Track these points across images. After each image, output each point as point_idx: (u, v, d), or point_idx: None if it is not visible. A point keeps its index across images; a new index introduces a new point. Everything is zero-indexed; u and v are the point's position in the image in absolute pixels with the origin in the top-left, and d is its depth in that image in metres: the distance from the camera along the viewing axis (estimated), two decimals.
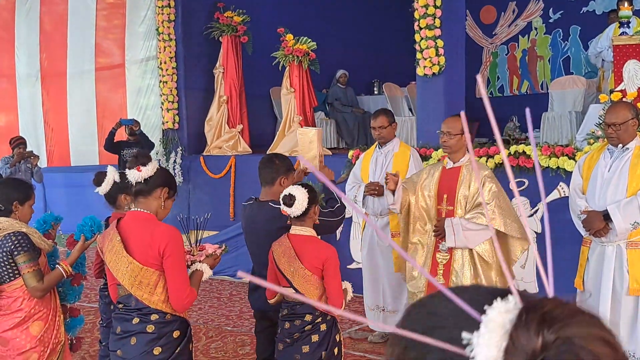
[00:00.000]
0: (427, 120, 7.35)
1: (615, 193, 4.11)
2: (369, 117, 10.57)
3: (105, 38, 10.61)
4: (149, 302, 3.04)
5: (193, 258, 3.34)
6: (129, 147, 8.89)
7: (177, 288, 3.03)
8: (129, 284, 3.03)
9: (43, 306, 3.68)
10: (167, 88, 9.55)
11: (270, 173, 3.93)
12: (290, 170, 3.99)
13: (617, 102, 5.00)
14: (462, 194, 4.44)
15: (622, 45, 6.18)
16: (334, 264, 3.57)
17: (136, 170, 3.06)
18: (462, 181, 4.45)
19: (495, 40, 12.10)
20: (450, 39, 7.25)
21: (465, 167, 4.47)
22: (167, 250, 2.99)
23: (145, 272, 3.02)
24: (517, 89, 11.96)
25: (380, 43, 11.99)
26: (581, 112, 8.42)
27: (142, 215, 3.10)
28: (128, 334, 3.09)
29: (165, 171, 3.25)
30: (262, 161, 4.03)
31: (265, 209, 3.82)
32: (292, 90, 8.61)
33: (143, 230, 3.05)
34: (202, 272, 3.29)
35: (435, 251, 4.56)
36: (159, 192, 3.13)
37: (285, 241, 3.63)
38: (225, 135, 9.39)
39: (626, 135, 4.12)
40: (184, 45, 9.49)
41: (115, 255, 3.04)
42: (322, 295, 3.58)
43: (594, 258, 4.24)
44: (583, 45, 11.07)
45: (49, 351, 3.69)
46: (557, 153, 6.06)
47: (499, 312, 0.68)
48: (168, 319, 3.09)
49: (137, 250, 3.03)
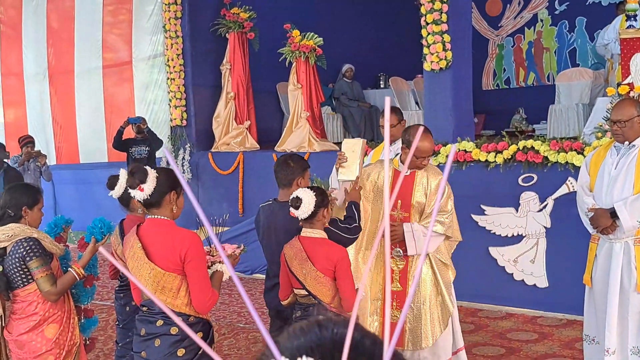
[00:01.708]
0: (434, 115, 7.36)
1: (622, 190, 4.13)
2: (375, 111, 10.63)
3: (112, 34, 10.63)
4: (172, 306, 3.11)
5: (213, 259, 3.38)
6: (137, 145, 8.92)
7: (199, 291, 3.09)
8: (152, 289, 3.09)
9: (57, 309, 3.72)
10: (175, 85, 9.57)
11: (286, 175, 4.01)
12: (306, 169, 4.06)
13: (623, 99, 5.00)
14: (417, 200, 4.28)
15: (629, 38, 6.17)
16: (346, 264, 3.61)
17: (138, 190, 3.10)
18: (416, 187, 4.29)
19: (501, 32, 12.07)
20: (457, 34, 7.25)
21: (420, 173, 4.31)
22: (189, 255, 3.05)
23: (168, 278, 3.08)
24: (524, 80, 11.94)
25: (386, 36, 11.98)
26: (588, 105, 8.42)
27: (160, 222, 3.16)
28: (152, 336, 3.16)
29: (166, 175, 3.21)
30: (277, 163, 4.11)
31: (285, 210, 3.86)
32: (299, 86, 8.63)
33: (163, 236, 3.11)
34: (222, 273, 3.36)
35: (385, 257, 4.17)
36: (167, 198, 3.18)
37: (297, 243, 3.67)
38: (233, 132, 9.42)
39: (631, 133, 4.14)
40: (191, 42, 9.50)
41: (137, 261, 3.10)
42: (334, 296, 3.61)
43: (602, 255, 4.27)
44: (589, 36, 11.04)
45: (64, 353, 3.74)
46: (565, 148, 6.07)
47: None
48: (191, 321, 3.16)
49: (158, 257, 3.09)
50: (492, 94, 11.89)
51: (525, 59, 11.91)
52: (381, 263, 4.36)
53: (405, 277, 4.31)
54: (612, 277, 4.18)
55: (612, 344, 4.19)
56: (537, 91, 11.38)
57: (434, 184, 4.27)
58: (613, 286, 4.18)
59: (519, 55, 11.98)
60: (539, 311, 6.17)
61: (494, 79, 12.21)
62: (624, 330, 4.17)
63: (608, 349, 4.20)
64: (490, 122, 11.05)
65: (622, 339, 4.19)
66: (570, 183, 6.04)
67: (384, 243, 4.05)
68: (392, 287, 4.29)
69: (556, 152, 6.09)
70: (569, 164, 6.03)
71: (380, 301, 4.35)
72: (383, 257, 4.29)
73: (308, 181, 4.07)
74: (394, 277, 4.32)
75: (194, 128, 9.60)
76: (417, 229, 4.22)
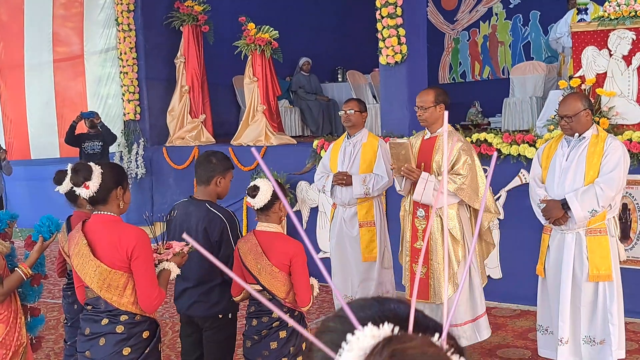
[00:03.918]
0: (390, 109, 7.38)
1: (573, 182, 4.20)
2: (333, 104, 10.62)
3: (63, 27, 10.40)
4: (118, 305, 3.05)
5: (160, 257, 3.32)
6: (90, 140, 8.79)
7: (145, 289, 3.04)
8: (97, 287, 3.03)
9: (4, 309, 3.61)
10: (128, 79, 9.44)
11: (207, 172, 3.85)
12: (228, 170, 3.90)
13: (569, 94, 5.08)
14: (436, 162, 4.67)
15: (580, 32, 6.25)
16: (302, 259, 3.59)
17: (84, 188, 3.04)
18: (436, 150, 4.69)
19: (456, 26, 12.16)
20: (412, 27, 7.27)
21: (441, 137, 4.72)
22: (135, 252, 3.00)
23: (114, 275, 3.02)
24: (479, 74, 12.06)
25: (343, 30, 11.98)
26: (542, 98, 8.53)
27: (107, 217, 3.09)
28: (97, 335, 3.10)
29: (111, 170, 3.16)
30: (198, 159, 3.95)
31: (202, 208, 3.76)
32: (255, 79, 8.57)
33: (110, 233, 3.05)
34: (169, 272, 3.30)
35: (413, 217, 4.81)
36: (114, 194, 3.12)
37: (252, 238, 3.63)
38: (188, 126, 9.32)
39: (579, 126, 4.21)
40: (144, 36, 9.37)
41: (83, 258, 3.03)
42: (289, 292, 3.59)
43: (554, 245, 4.33)
44: (543, 30, 11.20)
45: (11, 354, 3.63)
46: (517, 140, 6.14)
47: (365, 335, 0.76)
48: (137, 319, 3.10)
49: (104, 254, 3.03)
50: (448, 88, 11.94)
51: (481, 53, 12.03)
52: (407, 223, 4.88)
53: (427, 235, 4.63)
54: (565, 267, 4.25)
55: (565, 334, 4.26)
56: (492, 85, 11.50)
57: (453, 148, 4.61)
58: (565, 276, 4.25)
59: (474, 49, 12.09)
60: (493, 302, 6.23)
61: (450, 73, 12.31)
62: (577, 319, 4.24)
63: (561, 338, 4.27)
64: (449, 116, 11.11)
65: (574, 329, 4.26)
66: (522, 175, 6.12)
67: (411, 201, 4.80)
68: (417, 244, 4.81)
69: (509, 145, 6.16)
70: (521, 157, 6.10)
71: (409, 257, 4.83)
72: (412, 216, 4.82)
73: (228, 183, 3.92)
74: (417, 236, 4.80)
75: (148, 122, 9.49)
76: (432, 181, 4.60)
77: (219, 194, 3.91)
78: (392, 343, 0.74)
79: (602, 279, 4.19)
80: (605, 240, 4.19)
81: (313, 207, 7.61)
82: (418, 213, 4.79)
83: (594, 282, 4.21)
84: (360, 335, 0.76)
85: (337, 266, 5.71)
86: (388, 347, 0.74)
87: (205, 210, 3.78)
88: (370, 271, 5.55)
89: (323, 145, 7.32)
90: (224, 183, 3.85)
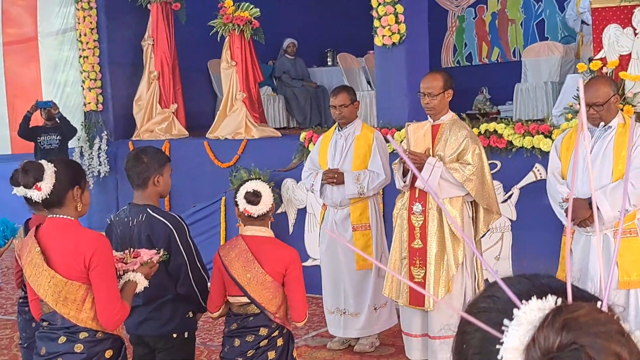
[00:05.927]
0: (387, 96, 7.36)
1: (600, 177, 4.15)
2: (322, 91, 10.59)
3: (15, 5, 10.31)
4: (76, 320, 3.01)
5: (126, 267, 3.26)
6: (47, 133, 8.71)
7: (106, 303, 3.00)
8: (52, 301, 2.99)
9: None
10: (89, 64, 9.40)
11: (140, 173, 3.74)
12: (164, 164, 3.79)
13: (594, 78, 5.04)
14: (438, 151, 4.71)
15: (600, 8, 6.24)
16: (298, 268, 3.59)
17: (35, 190, 2.99)
18: (439, 139, 4.72)
19: (461, 3, 12.16)
20: (411, 4, 7.25)
21: (444, 125, 4.74)
22: (94, 261, 2.95)
23: (70, 287, 2.98)
24: (487, 57, 12.06)
25: (333, 8, 11.94)
26: (558, 83, 8.53)
27: (62, 222, 3.05)
28: (53, 355, 3.06)
29: (66, 168, 3.12)
30: (127, 161, 3.82)
31: (144, 216, 3.68)
32: (233, 63, 8.53)
33: (65, 239, 3.01)
34: (135, 284, 3.24)
35: (409, 213, 4.80)
36: (70, 195, 3.08)
37: (240, 243, 3.58)
38: (158, 117, 9.28)
39: (609, 115, 4.18)
40: (107, 15, 9.34)
41: (35, 268, 2.99)
42: (281, 305, 3.55)
43: (579, 250, 4.29)
44: (559, 6, 11.19)
45: None
46: (531, 131, 6.12)
47: (531, 308, 0.85)
48: (99, 337, 3.06)
49: (59, 263, 2.98)
50: (453, 72, 11.94)
51: (489, 33, 12.03)
52: (402, 221, 4.87)
53: (425, 234, 4.75)
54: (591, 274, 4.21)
55: None
56: (502, 68, 11.51)
57: (453, 138, 4.69)
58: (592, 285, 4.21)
59: (481, 28, 12.09)
60: None
61: (454, 55, 12.30)
62: None
63: None
64: (451, 104, 11.10)
65: None
66: (537, 170, 6.10)
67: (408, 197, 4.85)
68: (414, 244, 4.79)
69: (522, 136, 6.13)
70: (535, 149, 6.08)
71: (407, 259, 4.81)
72: (407, 212, 4.82)
73: (169, 178, 3.82)
74: (415, 234, 4.78)
75: (112, 113, 9.46)
76: (439, 167, 4.59)
77: (161, 194, 3.83)
78: (562, 313, 0.83)
79: (634, 285, 4.15)
80: (636, 243, 4.15)
81: (300, 209, 7.57)
82: (414, 208, 4.77)
83: (625, 290, 4.17)
84: (526, 309, 0.85)
85: (328, 275, 5.68)
86: (559, 317, 0.82)
87: (146, 216, 3.70)
88: (365, 281, 5.52)
89: (311, 138, 7.29)
90: (162, 180, 3.75)
